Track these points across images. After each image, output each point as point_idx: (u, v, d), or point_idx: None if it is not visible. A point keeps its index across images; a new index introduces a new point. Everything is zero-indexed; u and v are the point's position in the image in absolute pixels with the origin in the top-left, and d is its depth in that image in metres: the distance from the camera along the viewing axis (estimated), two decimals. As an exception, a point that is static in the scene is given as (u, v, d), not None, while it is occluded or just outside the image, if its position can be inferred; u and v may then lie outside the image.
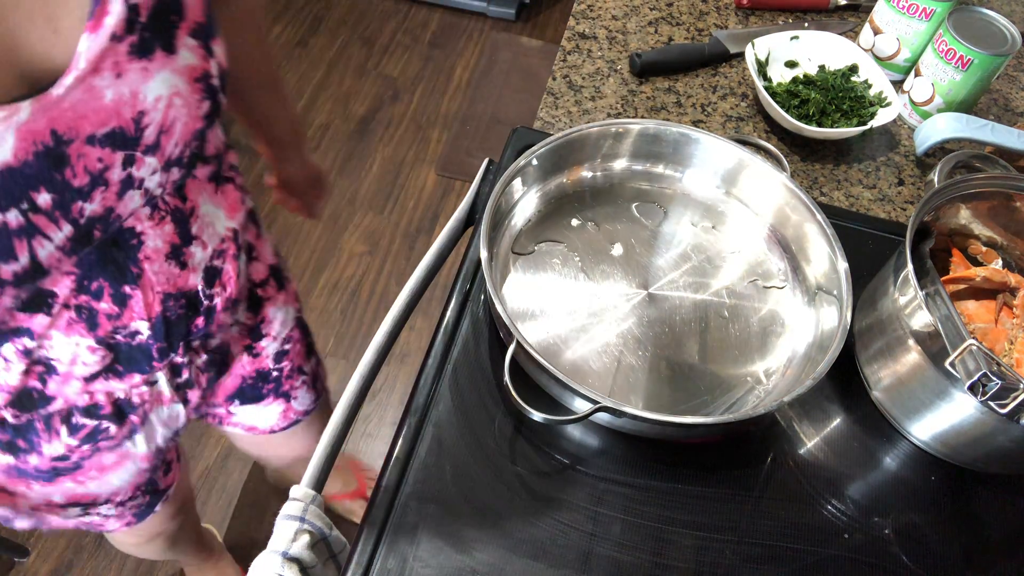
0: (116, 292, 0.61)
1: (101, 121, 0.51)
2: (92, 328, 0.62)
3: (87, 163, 0.51)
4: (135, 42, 0.51)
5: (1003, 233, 0.74)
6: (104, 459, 0.76)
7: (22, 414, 0.66)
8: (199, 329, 0.72)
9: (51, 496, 0.76)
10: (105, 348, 0.64)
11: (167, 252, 0.64)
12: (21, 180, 0.48)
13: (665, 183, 0.81)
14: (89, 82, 0.49)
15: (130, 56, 0.51)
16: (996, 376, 0.56)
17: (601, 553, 0.61)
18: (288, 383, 0.94)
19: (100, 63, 0.49)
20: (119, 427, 0.73)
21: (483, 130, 2.19)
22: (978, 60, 0.86)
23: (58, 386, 0.64)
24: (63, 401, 0.66)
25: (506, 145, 0.86)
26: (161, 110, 0.54)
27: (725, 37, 1.01)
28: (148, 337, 0.66)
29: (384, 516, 0.61)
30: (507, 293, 0.72)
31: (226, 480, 1.55)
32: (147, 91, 0.53)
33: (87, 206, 0.53)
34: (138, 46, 0.51)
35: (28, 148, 0.47)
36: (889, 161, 0.93)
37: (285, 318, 0.89)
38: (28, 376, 0.62)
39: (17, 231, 0.49)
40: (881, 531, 0.64)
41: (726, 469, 0.66)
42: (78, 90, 0.49)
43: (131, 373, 0.68)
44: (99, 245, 0.57)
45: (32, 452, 0.69)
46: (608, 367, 0.68)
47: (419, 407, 0.67)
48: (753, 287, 0.75)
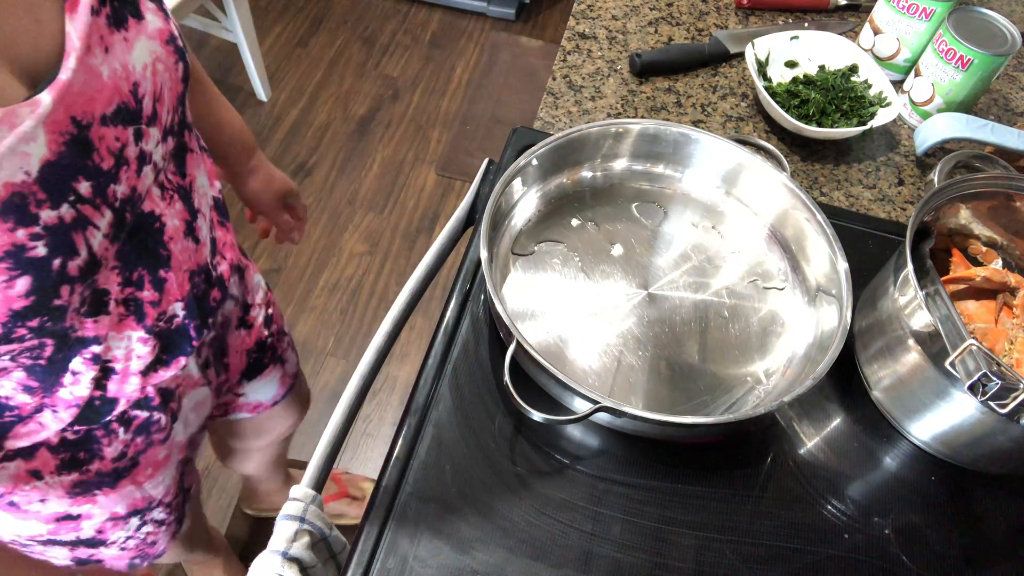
0: (154, 278, 0.63)
1: (107, 100, 0.52)
2: (140, 319, 0.63)
3: (108, 144, 0.53)
4: (109, 13, 0.52)
5: (1003, 233, 0.74)
6: (157, 454, 0.77)
7: (83, 428, 0.66)
8: (217, 302, 0.74)
9: (115, 507, 0.76)
10: (154, 337, 0.65)
11: (184, 229, 0.65)
12: (62, 173, 0.49)
13: (665, 183, 0.81)
14: (86, 62, 0.50)
15: (110, 28, 0.52)
16: (996, 376, 0.56)
17: (601, 553, 0.61)
18: (279, 346, 0.96)
19: (90, 40, 0.50)
20: (166, 416, 0.75)
21: (483, 130, 2.19)
22: (978, 60, 0.86)
23: (118, 386, 0.65)
24: (124, 402, 0.67)
25: (506, 145, 0.86)
26: (149, 78, 0.56)
27: (725, 37, 1.01)
28: (183, 317, 0.67)
29: (384, 516, 0.61)
30: (507, 293, 0.72)
31: (226, 481, 1.55)
32: (134, 61, 0.54)
33: (118, 188, 0.54)
34: (113, 17, 0.53)
35: (57, 140, 0.48)
36: (889, 161, 0.93)
37: (259, 283, 0.91)
38: (94, 384, 0.63)
39: (72, 224, 0.50)
40: (881, 531, 0.64)
41: (726, 469, 0.66)
42: (80, 72, 0.50)
43: (176, 359, 0.69)
44: (131, 233, 0.58)
45: (94, 459, 0.70)
46: (608, 367, 0.68)
47: (419, 407, 0.67)
48: (753, 287, 0.75)
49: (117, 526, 0.78)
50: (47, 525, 0.72)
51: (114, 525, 0.78)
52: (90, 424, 0.66)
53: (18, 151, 0.45)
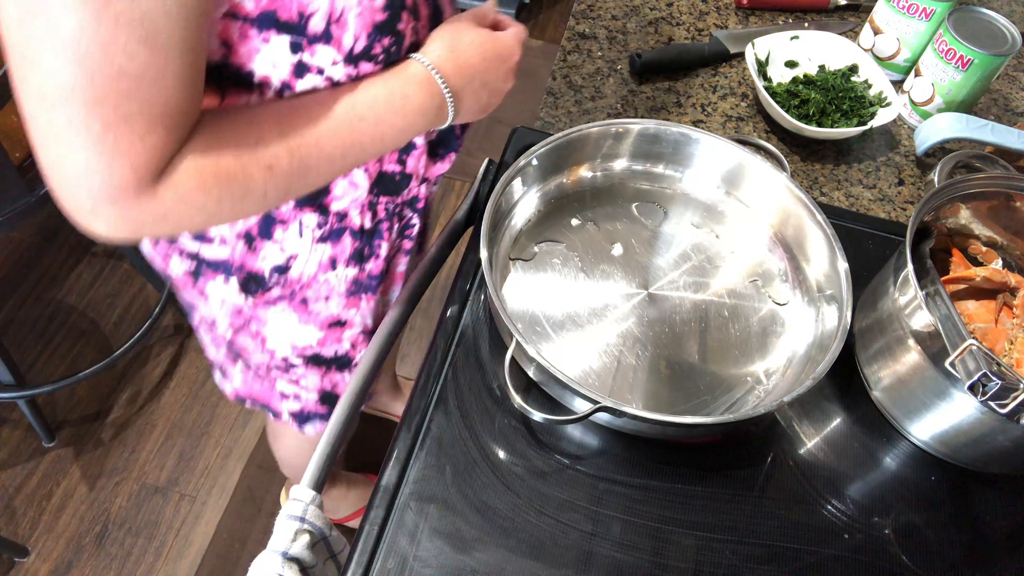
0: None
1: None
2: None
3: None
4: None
5: (1003, 233, 0.74)
6: (399, 264, 0.83)
7: (381, 199, 0.71)
8: None
9: (368, 319, 0.83)
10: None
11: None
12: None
13: (665, 183, 0.81)
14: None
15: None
16: (996, 376, 0.56)
17: (601, 553, 0.61)
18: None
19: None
20: (421, 223, 0.80)
21: (483, 130, 2.18)
22: (978, 60, 0.86)
23: (415, 163, 0.70)
24: (414, 182, 0.72)
25: (506, 145, 0.86)
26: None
27: (725, 37, 1.01)
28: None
29: (384, 516, 0.61)
30: (507, 293, 0.72)
31: (226, 480, 1.56)
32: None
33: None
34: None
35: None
36: (889, 161, 0.93)
37: None
38: (397, 156, 0.68)
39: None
40: (881, 531, 0.64)
41: (726, 469, 0.66)
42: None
43: (448, 154, 0.74)
44: (430, 16, 0.65)
45: (372, 257, 0.76)
46: (608, 367, 0.68)
47: (419, 407, 0.67)
48: (753, 287, 0.75)
49: (364, 343, 0.85)
50: (320, 332, 0.80)
51: (363, 341, 0.85)
52: (391, 195, 0.71)
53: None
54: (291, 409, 0.91)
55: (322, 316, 0.78)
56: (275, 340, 0.80)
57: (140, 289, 1.80)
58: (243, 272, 0.71)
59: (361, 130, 0.58)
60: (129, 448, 1.59)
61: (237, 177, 0.52)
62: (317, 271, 0.73)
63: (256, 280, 0.72)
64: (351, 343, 0.84)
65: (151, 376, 1.69)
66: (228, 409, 1.65)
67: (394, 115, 0.59)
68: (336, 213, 0.69)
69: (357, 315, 0.81)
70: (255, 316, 0.77)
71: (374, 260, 0.76)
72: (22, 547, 1.46)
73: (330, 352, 0.84)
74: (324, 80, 0.57)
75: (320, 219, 0.69)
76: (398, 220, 0.76)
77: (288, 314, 0.77)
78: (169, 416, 1.63)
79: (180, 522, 1.51)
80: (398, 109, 0.59)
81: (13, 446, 1.57)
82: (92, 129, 0.45)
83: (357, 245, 0.73)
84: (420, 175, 0.72)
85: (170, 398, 1.66)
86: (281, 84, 0.56)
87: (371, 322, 0.84)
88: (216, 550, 1.48)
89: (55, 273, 1.81)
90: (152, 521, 1.50)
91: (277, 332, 0.79)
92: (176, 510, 1.52)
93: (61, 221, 2.02)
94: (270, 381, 0.88)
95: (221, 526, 1.50)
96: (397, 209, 0.75)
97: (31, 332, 1.72)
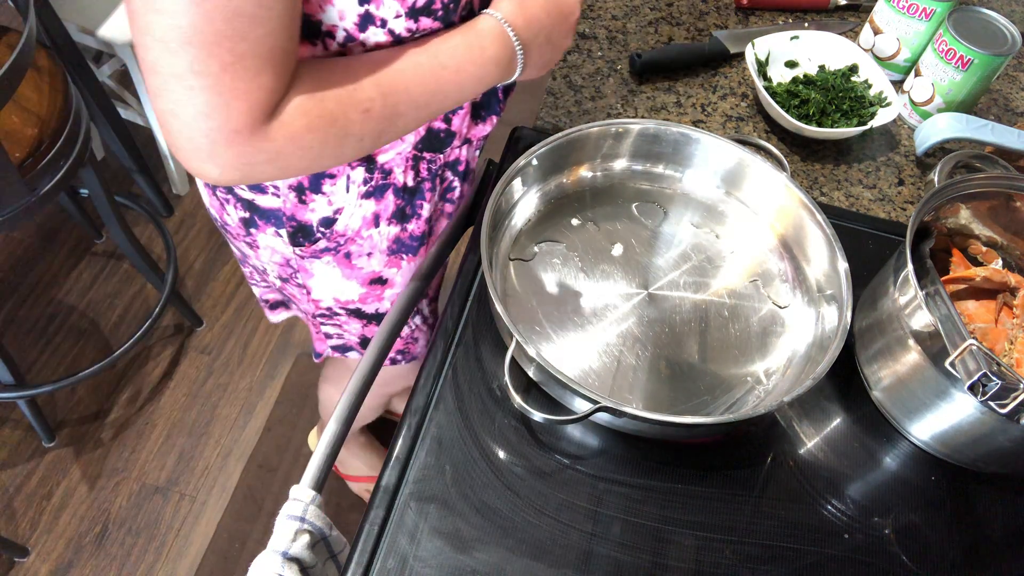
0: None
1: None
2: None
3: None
4: None
5: (1003, 233, 0.74)
6: (440, 228, 0.85)
7: (426, 155, 0.74)
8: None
9: (407, 278, 0.85)
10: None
11: None
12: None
13: (665, 183, 0.81)
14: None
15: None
16: (996, 376, 0.56)
17: (601, 553, 0.61)
18: None
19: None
20: (462, 187, 0.83)
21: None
22: (978, 60, 0.86)
23: (460, 122, 0.73)
24: (457, 140, 0.75)
25: (506, 145, 0.86)
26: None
27: (725, 37, 1.01)
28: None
29: (384, 516, 0.61)
30: (507, 293, 0.72)
31: (226, 480, 1.56)
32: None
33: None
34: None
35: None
36: (889, 161, 0.93)
37: None
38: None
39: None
40: (881, 531, 0.64)
41: (726, 469, 0.66)
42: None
43: (490, 116, 0.77)
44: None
45: (414, 217, 0.79)
46: (608, 367, 0.68)
47: (419, 407, 0.67)
48: (753, 287, 0.75)
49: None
50: (361, 288, 0.84)
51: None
52: (435, 152, 0.74)
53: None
54: (333, 345, 0.97)
55: (364, 272, 0.82)
56: (320, 291, 0.85)
57: (140, 289, 1.80)
58: (293, 223, 0.75)
59: (444, 78, 0.61)
60: (129, 448, 1.59)
61: (338, 119, 0.56)
62: (361, 226, 0.76)
63: (304, 231, 0.75)
64: (391, 302, 0.88)
65: (151, 376, 1.69)
66: (228, 409, 1.65)
67: (472, 64, 0.62)
68: (381, 168, 0.72)
69: (399, 275, 0.85)
70: (302, 267, 0.81)
71: (415, 220, 0.80)
72: (22, 547, 1.46)
73: (371, 309, 0.88)
74: (386, 33, 0.59)
75: (366, 175, 0.72)
76: (440, 182, 0.79)
77: (332, 268, 0.81)
78: (169, 416, 1.63)
79: (180, 522, 1.51)
80: (476, 59, 0.62)
81: (13, 446, 1.57)
82: (211, 70, 0.48)
83: (400, 203, 0.76)
84: (463, 135, 0.75)
85: (170, 398, 1.66)
86: (345, 36, 0.59)
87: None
88: (216, 550, 1.48)
89: (55, 273, 1.81)
90: (152, 521, 1.50)
91: (322, 284, 0.83)
92: (176, 510, 1.52)
93: (61, 221, 2.02)
94: (315, 325, 0.94)
95: (221, 526, 1.50)
96: (439, 170, 0.77)
97: (31, 332, 1.72)
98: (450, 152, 0.76)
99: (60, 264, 1.82)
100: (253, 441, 1.61)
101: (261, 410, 1.65)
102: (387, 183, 0.74)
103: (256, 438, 1.61)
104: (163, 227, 1.71)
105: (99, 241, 1.86)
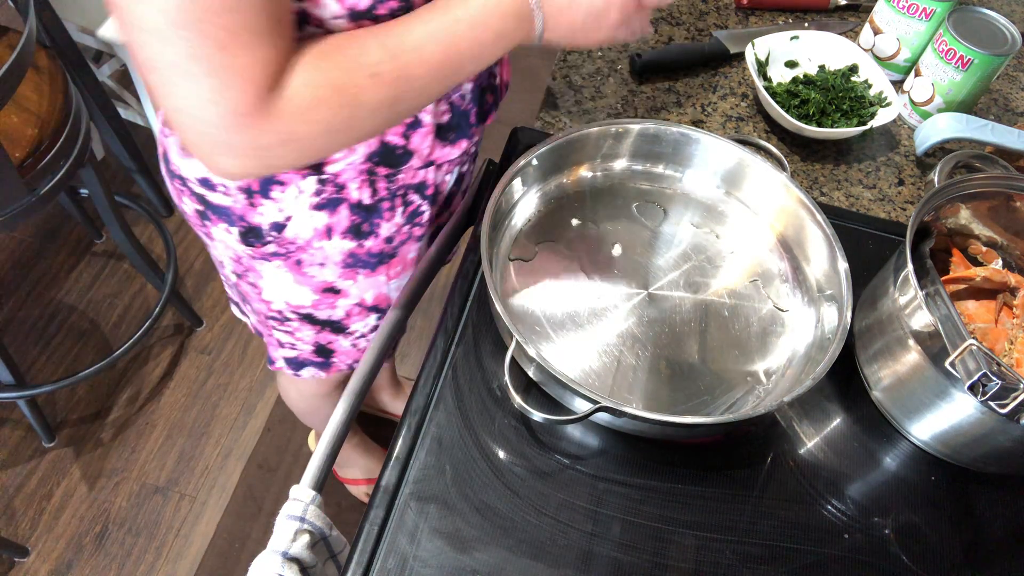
0: None
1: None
2: None
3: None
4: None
5: (1003, 233, 0.74)
6: (409, 251, 0.84)
7: (380, 170, 0.71)
8: (489, 105, 0.79)
9: (365, 293, 0.84)
10: (447, 103, 0.71)
11: None
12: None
13: (665, 183, 0.81)
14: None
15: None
16: (996, 376, 0.56)
17: (601, 553, 0.61)
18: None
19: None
20: (431, 211, 0.81)
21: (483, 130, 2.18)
22: (978, 60, 0.86)
23: (419, 140, 0.71)
24: (416, 161, 0.73)
25: (506, 145, 0.86)
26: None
27: (725, 37, 1.01)
28: (469, 100, 0.73)
29: (384, 516, 0.61)
30: (507, 293, 0.72)
31: (226, 480, 1.56)
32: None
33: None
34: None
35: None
36: (889, 161, 0.93)
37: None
38: (404, 129, 0.69)
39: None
40: (881, 531, 0.64)
41: (726, 469, 0.66)
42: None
43: (459, 140, 0.75)
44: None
45: (371, 235, 0.78)
46: (608, 367, 0.68)
47: (419, 407, 0.67)
48: (753, 287, 0.75)
49: (361, 316, 0.88)
50: (314, 295, 0.82)
51: (359, 313, 0.87)
52: (390, 168, 0.72)
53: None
54: (286, 356, 0.95)
55: (316, 280, 0.81)
56: (270, 292, 0.83)
57: (140, 289, 1.80)
58: (243, 223, 0.73)
59: (458, 33, 0.56)
60: (129, 448, 1.59)
61: (347, 87, 0.53)
62: (312, 237, 0.75)
63: (255, 233, 0.74)
64: (345, 312, 0.86)
65: (151, 376, 1.69)
66: (228, 409, 1.65)
67: (488, 16, 0.57)
68: (334, 180, 0.70)
69: (354, 287, 0.83)
70: (252, 267, 0.80)
71: (373, 238, 0.78)
72: (22, 547, 1.46)
73: (324, 315, 0.86)
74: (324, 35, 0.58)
75: (318, 186, 0.70)
76: (403, 203, 0.77)
77: (284, 272, 0.80)
78: (169, 416, 1.63)
79: (180, 522, 1.51)
80: (492, 10, 0.57)
81: (13, 446, 1.57)
82: (207, 51, 0.47)
83: (355, 219, 0.75)
84: (424, 155, 0.73)
85: (170, 398, 1.66)
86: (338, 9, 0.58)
87: (370, 299, 0.86)
88: (216, 550, 1.48)
89: (55, 273, 1.81)
90: (152, 521, 1.50)
91: (273, 286, 0.82)
92: (176, 510, 1.52)
93: (61, 221, 2.02)
94: (267, 327, 0.92)
95: (221, 526, 1.50)
96: (401, 191, 0.75)
97: (31, 332, 1.72)
98: (413, 174, 0.75)
99: (60, 264, 1.82)
100: (253, 441, 1.61)
101: (261, 410, 1.65)
102: (340, 197, 0.72)
103: (256, 438, 1.61)
104: (163, 227, 1.71)
105: (99, 241, 1.86)
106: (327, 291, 0.83)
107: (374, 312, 0.89)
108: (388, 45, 0.54)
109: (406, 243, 0.82)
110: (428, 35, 0.55)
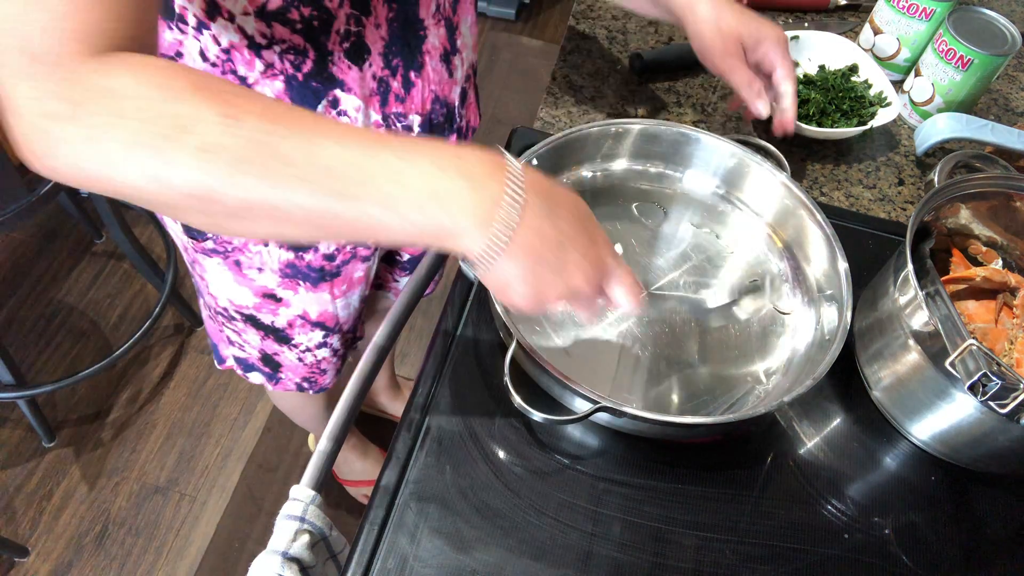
0: (405, 76, 0.70)
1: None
2: (383, 104, 0.70)
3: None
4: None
5: (1003, 233, 0.74)
6: (355, 270, 0.83)
7: None
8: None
9: (308, 306, 0.84)
10: (385, 128, 0.72)
11: (441, 53, 0.72)
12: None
13: (665, 183, 0.81)
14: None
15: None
16: (996, 376, 0.56)
17: (601, 553, 0.61)
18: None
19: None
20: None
21: (483, 130, 2.19)
22: (978, 60, 0.86)
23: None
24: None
25: (506, 145, 0.86)
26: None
27: (725, 37, 1.00)
28: (417, 134, 0.74)
29: (384, 516, 0.61)
30: (507, 293, 0.72)
31: (226, 480, 1.56)
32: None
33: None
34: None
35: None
36: (889, 161, 0.93)
37: None
38: None
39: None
40: (881, 531, 0.64)
41: (726, 469, 0.66)
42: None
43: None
44: (400, 23, 0.65)
45: (310, 249, 0.78)
46: (608, 367, 0.68)
47: (419, 407, 0.67)
48: (753, 287, 0.75)
49: (304, 329, 0.88)
50: (255, 299, 0.82)
51: (302, 326, 0.87)
52: None
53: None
54: (236, 355, 0.95)
55: (256, 284, 0.81)
56: (215, 288, 0.84)
57: (140, 289, 1.80)
58: None
59: (349, 158, 0.42)
60: (129, 448, 1.59)
61: (181, 102, 0.41)
62: (248, 241, 0.75)
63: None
64: (287, 322, 0.86)
65: (151, 376, 1.69)
66: (228, 409, 1.65)
67: (402, 169, 0.42)
68: None
69: (295, 297, 0.83)
70: (198, 260, 0.81)
71: (312, 252, 0.78)
72: (22, 547, 1.46)
73: (267, 320, 0.86)
74: (235, 30, 0.56)
75: None
76: None
77: (224, 270, 0.80)
78: (169, 416, 1.63)
79: (180, 522, 1.51)
80: (410, 168, 0.42)
81: (13, 446, 1.57)
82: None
83: None
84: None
85: (170, 398, 1.66)
86: (197, 22, 0.56)
87: (314, 314, 0.85)
88: (216, 550, 1.48)
89: (55, 273, 1.81)
90: (152, 521, 1.50)
91: (216, 282, 0.83)
92: (176, 510, 1.52)
93: (61, 221, 2.02)
94: (218, 324, 0.92)
95: (221, 526, 1.50)
96: None
97: (31, 332, 1.72)
98: None
99: (60, 264, 1.82)
100: (253, 441, 1.61)
101: (261, 410, 1.65)
102: None
103: (256, 438, 1.61)
104: (163, 227, 1.71)
105: (99, 241, 1.86)
106: (267, 296, 0.83)
107: (319, 328, 0.88)
108: (270, 107, 0.42)
109: (350, 263, 0.82)
110: (318, 130, 0.42)
